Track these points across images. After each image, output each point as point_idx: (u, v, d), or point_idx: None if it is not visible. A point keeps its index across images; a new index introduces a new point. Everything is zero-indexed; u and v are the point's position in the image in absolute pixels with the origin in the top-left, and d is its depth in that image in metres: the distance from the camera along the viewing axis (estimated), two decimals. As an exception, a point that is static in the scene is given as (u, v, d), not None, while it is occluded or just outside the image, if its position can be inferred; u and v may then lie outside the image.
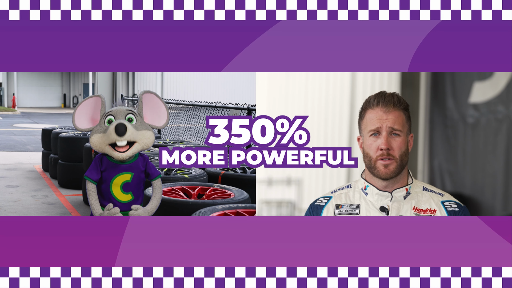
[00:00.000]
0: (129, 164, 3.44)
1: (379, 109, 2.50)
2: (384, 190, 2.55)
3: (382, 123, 2.48)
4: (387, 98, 2.51)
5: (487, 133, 3.48)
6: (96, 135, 3.38)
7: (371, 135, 2.51)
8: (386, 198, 2.55)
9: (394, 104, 2.50)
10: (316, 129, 3.79)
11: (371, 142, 2.51)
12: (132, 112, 3.42)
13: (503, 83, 3.42)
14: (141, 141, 3.39)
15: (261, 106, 3.82)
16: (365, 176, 2.60)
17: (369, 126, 2.51)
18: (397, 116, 2.50)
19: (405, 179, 2.56)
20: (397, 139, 2.49)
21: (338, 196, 2.63)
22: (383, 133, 2.48)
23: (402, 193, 2.54)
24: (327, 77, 3.81)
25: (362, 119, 2.57)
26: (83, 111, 3.49)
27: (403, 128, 2.51)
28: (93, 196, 3.42)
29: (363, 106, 2.57)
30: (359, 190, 2.60)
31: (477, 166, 3.52)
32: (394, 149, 2.49)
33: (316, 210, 2.60)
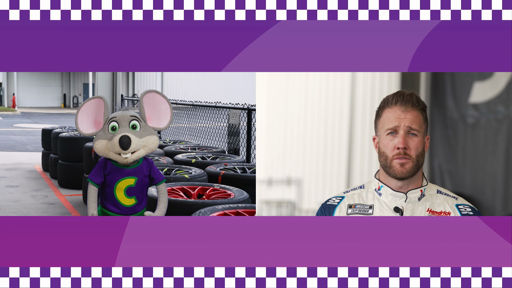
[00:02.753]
0: (133, 169, 3.44)
1: (397, 108, 2.49)
2: (398, 190, 2.54)
3: (400, 122, 2.47)
4: (405, 98, 2.50)
5: (487, 133, 3.48)
6: (100, 142, 3.38)
7: (388, 134, 2.50)
8: (401, 199, 2.54)
9: (413, 104, 2.49)
10: (316, 129, 3.79)
11: (387, 141, 2.50)
12: (136, 118, 3.41)
13: (503, 83, 3.42)
14: (146, 147, 3.40)
15: (261, 106, 3.82)
16: (379, 177, 2.59)
17: (387, 125, 2.50)
18: (415, 116, 2.49)
19: (419, 181, 2.55)
20: (414, 139, 2.48)
21: (351, 196, 2.61)
22: (400, 132, 2.47)
23: (417, 194, 2.53)
24: (327, 77, 3.81)
25: (379, 118, 2.55)
26: (86, 114, 3.49)
27: (421, 129, 2.50)
28: (91, 199, 3.42)
29: (381, 105, 2.55)
30: (373, 191, 2.59)
31: (477, 166, 3.52)
32: (411, 148, 2.48)
33: (328, 209, 2.58)
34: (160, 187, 3.52)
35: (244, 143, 7.76)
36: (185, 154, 6.76)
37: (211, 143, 9.53)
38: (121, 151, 3.30)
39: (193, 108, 10.34)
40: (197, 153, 7.04)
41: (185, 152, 7.11)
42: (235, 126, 8.14)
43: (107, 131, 3.38)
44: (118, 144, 3.28)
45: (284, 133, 3.86)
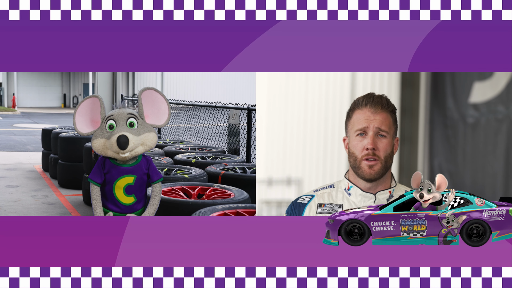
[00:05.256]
0: (132, 167, 3.44)
1: (367, 109, 2.53)
2: (367, 191, 2.57)
3: (369, 123, 2.51)
4: (375, 100, 2.54)
5: (487, 133, 3.48)
6: (98, 140, 3.38)
7: (357, 135, 2.54)
8: (370, 200, 2.57)
9: (382, 106, 2.54)
10: (316, 129, 3.79)
11: (357, 142, 2.54)
12: (133, 116, 3.40)
13: (503, 83, 3.42)
14: (144, 144, 3.40)
15: (261, 106, 3.82)
16: (348, 177, 2.62)
17: (356, 126, 2.54)
18: (384, 118, 2.53)
19: (388, 182, 2.59)
20: (383, 140, 2.52)
21: (321, 195, 2.65)
22: (369, 133, 2.51)
23: (386, 196, 2.57)
24: (327, 77, 3.81)
25: (349, 119, 2.59)
26: (83, 113, 3.49)
27: (390, 130, 2.54)
28: (96, 200, 3.41)
29: (351, 107, 2.59)
30: (342, 190, 2.62)
31: (477, 166, 3.52)
32: (380, 149, 2.52)
33: (298, 207, 2.63)
34: (155, 187, 3.50)
35: (244, 143, 7.76)
36: (185, 154, 6.76)
37: (211, 143, 9.53)
38: (119, 151, 3.30)
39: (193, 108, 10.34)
40: (197, 153, 7.04)
41: (185, 152, 7.11)
42: (235, 126, 8.14)
43: (105, 129, 3.38)
44: (116, 143, 3.28)
45: (284, 133, 3.85)
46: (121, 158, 3.35)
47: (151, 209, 3.45)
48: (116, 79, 9.01)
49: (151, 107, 3.50)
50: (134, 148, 3.33)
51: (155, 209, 3.46)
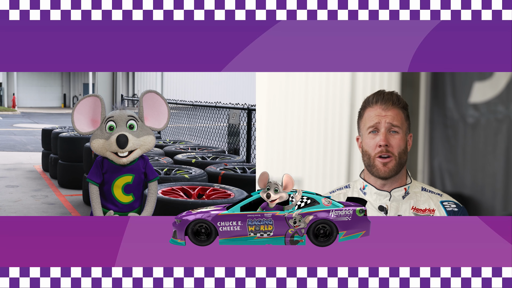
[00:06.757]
0: (130, 166, 3.45)
1: (378, 106, 2.52)
2: (382, 189, 2.56)
3: (381, 119, 2.50)
4: (386, 96, 2.53)
5: (487, 133, 3.48)
6: (97, 141, 3.38)
7: (370, 133, 2.52)
8: (385, 198, 2.56)
9: (393, 102, 2.52)
10: (316, 129, 3.79)
11: (369, 140, 2.53)
12: (133, 118, 3.41)
13: (503, 83, 3.42)
14: (143, 147, 3.40)
15: (261, 106, 3.82)
16: (363, 176, 2.61)
17: (368, 123, 2.53)
18: (396, 114, 2.52)
19: (403, 179, 2.57)
20: (396, 136, 2.50)
21: (337, 195, 2.64)
22: (381, 130, 2.50)
23: (401, 193, 2.55)
24: (327, 77, 3.81)
25: (361, 118, 2.58)
26: (82, 112, 3.48)
27: (402, 126, 2.52)
28: (95, 200, 3.42)
29: (362, 106, 2.58)
30: (358, 190, 2.61)
31: (477, 166, 3.52)
32: (393, 146, 2.50)
33: None
34: (151, 185, 3.51)
35: (244, 143, 7.76)
36: (185, 154, 6.76)
37: (211, 143, 9.53)
38: (118, 150, 3.31)
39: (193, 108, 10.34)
40: (197, 153, 7.03)
41: (185, 152, 7.11)
42: (235, 126, 8.14)
43: (105, 130, 3.38)
44: (116, 142, 3.29)
45: (284, 133, 3.86)
46: (119, 161, 3.36)
47: (149, 208, 3.46)
48: (116, 79, 9.01)
49: (151, 110, 3.50)
50: (133, 148, 3.34)
51: (153, 207, 3.48)
